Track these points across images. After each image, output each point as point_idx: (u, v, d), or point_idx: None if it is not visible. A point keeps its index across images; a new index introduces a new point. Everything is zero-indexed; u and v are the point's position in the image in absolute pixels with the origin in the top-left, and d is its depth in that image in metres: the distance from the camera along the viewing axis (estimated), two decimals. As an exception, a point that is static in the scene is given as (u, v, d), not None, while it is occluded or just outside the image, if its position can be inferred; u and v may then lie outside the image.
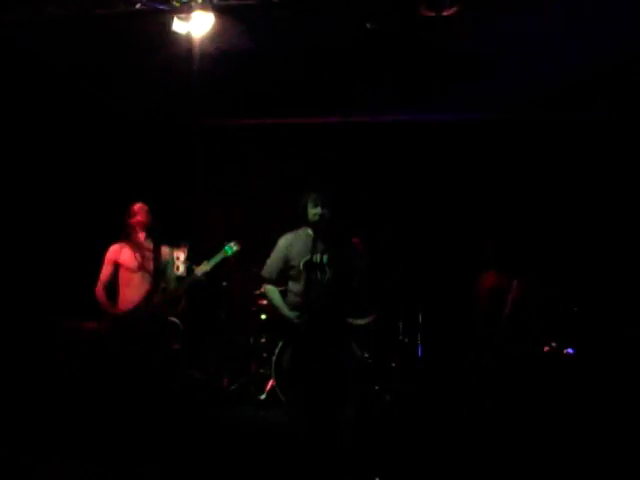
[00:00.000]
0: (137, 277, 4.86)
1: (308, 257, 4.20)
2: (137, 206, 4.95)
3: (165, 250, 5.08)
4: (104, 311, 4.85)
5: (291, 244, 4.30)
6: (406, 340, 6.46)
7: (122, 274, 4.90)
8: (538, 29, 5.00)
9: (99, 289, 4.87)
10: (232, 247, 5.07)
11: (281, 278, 4.33)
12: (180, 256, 6.26)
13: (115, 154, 7.05)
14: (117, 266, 4.91)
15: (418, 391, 6.20)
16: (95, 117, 6.80)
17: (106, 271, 4.91)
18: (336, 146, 7.25)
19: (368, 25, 4.48)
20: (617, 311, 6.03)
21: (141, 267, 4.85)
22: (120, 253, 4.92)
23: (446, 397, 6.01)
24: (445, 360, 6.31)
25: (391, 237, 6.88)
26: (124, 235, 4.94)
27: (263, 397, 6.04)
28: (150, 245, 4.96)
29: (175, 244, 6.30)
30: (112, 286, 4.94)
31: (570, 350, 5.49)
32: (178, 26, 4.65)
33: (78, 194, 6.56)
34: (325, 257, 4.19)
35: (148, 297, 4.84)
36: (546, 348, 5.49)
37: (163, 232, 6.49)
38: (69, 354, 5.54)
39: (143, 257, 4.87)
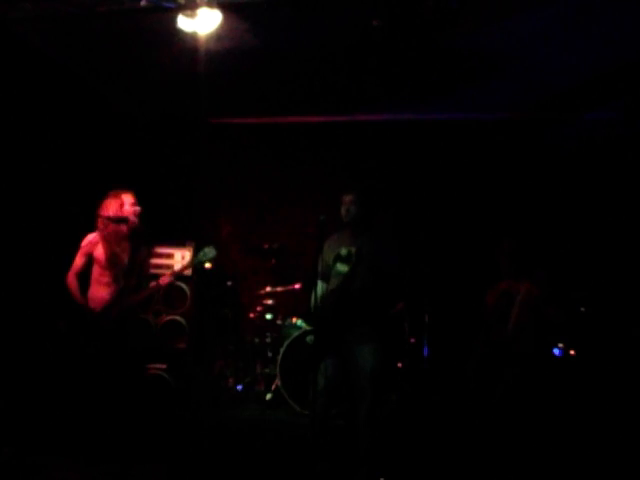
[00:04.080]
0: (108, 274, 4.61)
1: (337, 251, 4.27)
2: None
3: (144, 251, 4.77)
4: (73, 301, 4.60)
5: (329, 244, 4.37)
6: (412, 340, 6.42)
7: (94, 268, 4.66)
8: (547, 28, 4.98)
9: (70, 276, 4.64)
10: (207, 253, 4.92)
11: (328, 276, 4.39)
12: (186, 255, 6.23)
13: (121, 152, 7.04)
14: (91, 259, 4.65)
15: (424, 391, 6.17)
16: (100, 115, 6.79)
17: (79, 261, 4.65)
18: (342, 145, 7.24)
19: (374, 22, 4.45)
20: (625, 312, 5.98)
21: (114, 264, 4.59)
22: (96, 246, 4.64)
23: (451, 398, 5.99)
24: (451, 361, 6.27)
25: (399, 236, 6.85)
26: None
27: (269, 397, 6.01)
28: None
29: (181, 243, 6.30)
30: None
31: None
32: (184, 24, 4.64)
33: (80, 191, 6.54)
34: (352, 250, 4.22)
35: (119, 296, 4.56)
36: (572, 352, 5.45)
37: (169, 230, 6.53)
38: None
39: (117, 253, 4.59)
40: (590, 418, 4.96)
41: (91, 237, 4.68)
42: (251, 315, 6.64)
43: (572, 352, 5.53)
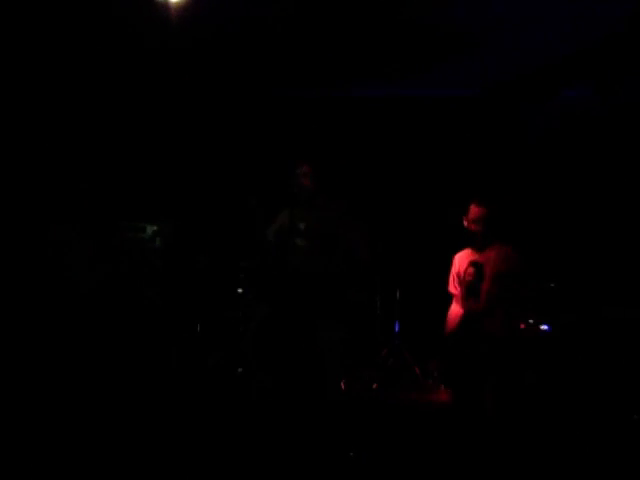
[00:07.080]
0: None
1: (285, 224, 4.25)
2: None
3: None
4: None
5: (282, 216, 4.35)
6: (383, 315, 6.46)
7: None
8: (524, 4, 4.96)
9: None
10: None
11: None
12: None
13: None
14: None
15: (396, 367, 6.21)
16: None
17: None
18: (312, 121, 7.17)
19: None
20: (596, 290, 6.04)
21: None
22: None
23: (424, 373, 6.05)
24: (422, 336, 6.31)
25: (370, 211, 6.85)
26: None
27: (241, 370, 6.01)
28: None
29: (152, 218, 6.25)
30: None
31: (546, 327, 5.47)
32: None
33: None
34: (302, 224, 4.21)
35: None
36: (522, 325, 5.47)
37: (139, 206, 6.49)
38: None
39: None
40: (563, 397, 5.02)
41: None
42: (223, 289, 6.62)
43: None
